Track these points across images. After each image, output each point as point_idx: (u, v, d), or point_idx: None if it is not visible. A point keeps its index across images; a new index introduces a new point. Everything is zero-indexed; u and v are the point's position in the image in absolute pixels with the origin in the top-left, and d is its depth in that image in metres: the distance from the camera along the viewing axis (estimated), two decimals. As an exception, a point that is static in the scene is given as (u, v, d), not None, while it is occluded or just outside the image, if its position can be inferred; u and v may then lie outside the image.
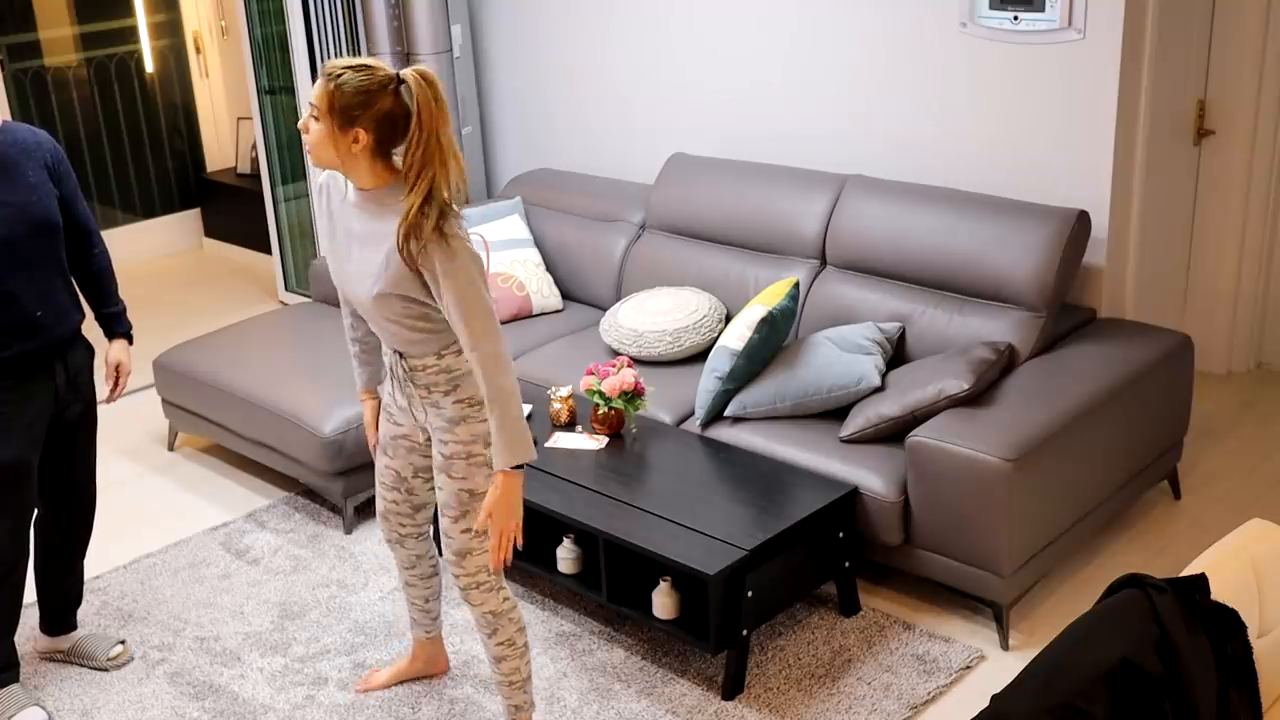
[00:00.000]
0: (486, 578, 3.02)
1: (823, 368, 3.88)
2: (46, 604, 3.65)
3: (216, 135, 7.49)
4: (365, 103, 2.68)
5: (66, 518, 3.55)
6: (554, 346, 4.56)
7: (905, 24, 4.37)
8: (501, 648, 3.09)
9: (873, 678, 3.46)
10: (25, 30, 6.72)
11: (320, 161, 2.77)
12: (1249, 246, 4.86)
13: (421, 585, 3.38)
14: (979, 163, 4.32)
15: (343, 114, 2.69)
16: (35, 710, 3.44)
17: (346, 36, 5.54)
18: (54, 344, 3.32)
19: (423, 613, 3.43)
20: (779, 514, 3.48)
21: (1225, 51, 4.63)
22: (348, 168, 2.77)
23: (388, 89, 2.70)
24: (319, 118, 2.72)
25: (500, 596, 3.05)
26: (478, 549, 2.98)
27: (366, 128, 2.70)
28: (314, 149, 2.75)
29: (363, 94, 2.68)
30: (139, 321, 6.24)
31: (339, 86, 2.68)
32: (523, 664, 3.12)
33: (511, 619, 3.08)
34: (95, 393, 3.53)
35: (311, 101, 2.73)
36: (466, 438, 2.91)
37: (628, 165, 5.30)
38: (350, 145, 2.72)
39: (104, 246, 3.52)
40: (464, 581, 3.02)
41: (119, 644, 3.68)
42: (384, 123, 2.71)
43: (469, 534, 2.97)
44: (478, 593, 3.03)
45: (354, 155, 2.73)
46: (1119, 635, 2.26)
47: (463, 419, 2.90)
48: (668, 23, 5.02)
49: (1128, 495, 3.98)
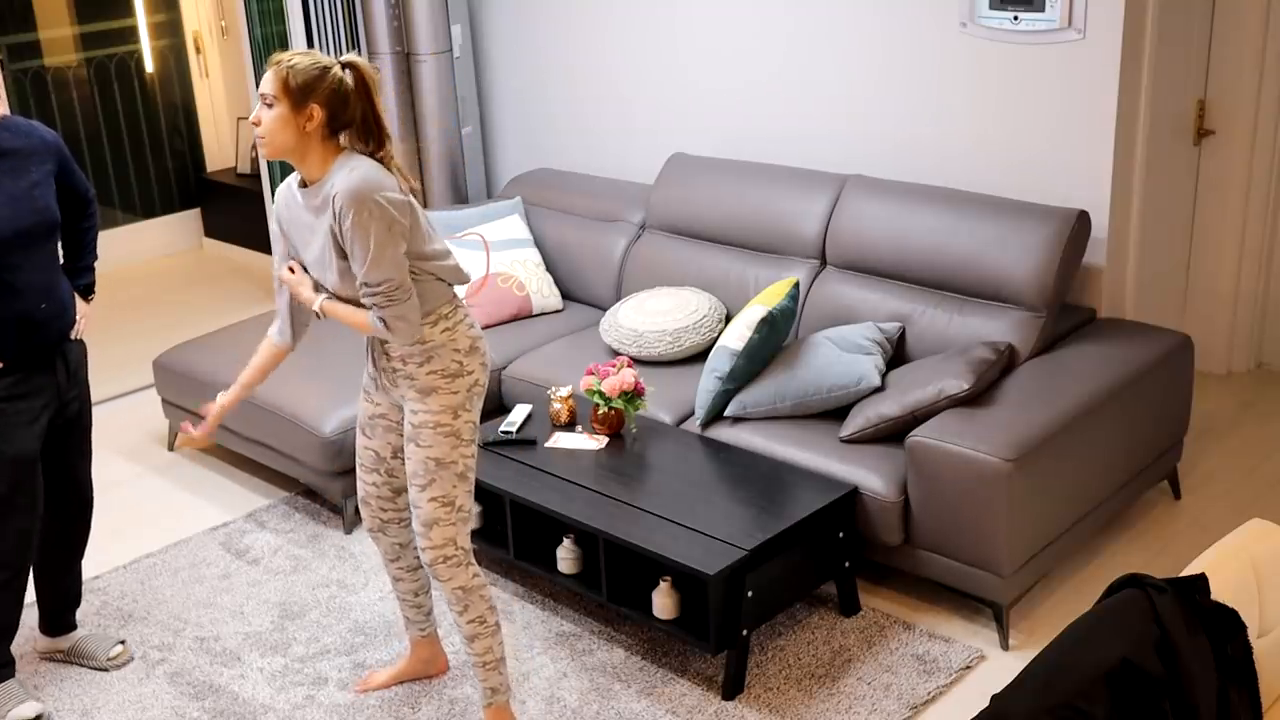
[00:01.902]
0: (454, 551, 3.07)
1: (823, 368, 3.88)
2: (46, 604, 3.65)
3: (216, 135, 7.49)
4: (317, 79, 2.85)
5: (64, 517, 3.55)
6: (554, 346, 4.56)
7: (905, 24, 4.37)
8: (473, 625, 3.13)
9: (873, 678, 3.46)
10: (25, 30, 6.72)
11: (274, 149, 2.89)
12: (1249, 246, 4.86)
13: (409, 578, 3.39)
14: (979, 163, 4.32)
15: (298, 92, 2.84)
16: (31, 704, 3.45)
17: (346, 36, 5.54)
18: (55, 339, 3.34)
19: (414, 609, 3.44)
20: (779, 514, 3.48)
21: (1225, 51, 4.63)
22: (301, 152, 2.90)
23: (332, 70, 2.88)
24: (272, 104, 2.85)
25: (469, 572, 3.10)
26: (444, 519, 3.04)
27: (320, 103, 2.85)
28: (268, 136, 2.88)
29: (314, 73, 2.85)
30: (139, 321, 6.24)
31: (290, 69, 2.85)
32: (495, 643, 3.16)
33: (482, 596, 3.12)
34: (90, 391, 3.55)
35: (263, 91, 2.87)
36: (436, 408, 3.00)
37: (628, 165, 5.30)
38: (305, 124, 2.85)
39: (97, 215, 3.59)
40: (430, 555, 3.07)
41: (119, 644, 3.68)
42: (335, 99, 2.87)
43: (435, 503, 3.03)
44: (445, 567, 3.07)
45: (307, 136, 2.87)
46: (1119, 635, 2.26)
47: (434, 389, 3.00)
48: (668, 23, 5.01)
49: (1128, 495, 3.98)
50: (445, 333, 3.00)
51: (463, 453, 3.05)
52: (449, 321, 3.01)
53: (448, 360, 3.00)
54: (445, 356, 2.99)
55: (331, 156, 2.91)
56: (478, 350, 3.06)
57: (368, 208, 2.81)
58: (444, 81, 5.47)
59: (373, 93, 2.93)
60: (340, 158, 2.90)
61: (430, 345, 2.98)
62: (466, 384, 3.03)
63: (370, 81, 2.92)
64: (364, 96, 2.91)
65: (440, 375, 2.99)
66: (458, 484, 3.05)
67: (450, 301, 3.03)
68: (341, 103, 2.88)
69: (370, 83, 2.92)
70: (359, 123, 2.92)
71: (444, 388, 3.00)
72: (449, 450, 3.02)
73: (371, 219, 2.81)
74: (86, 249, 3.58)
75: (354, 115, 2.91)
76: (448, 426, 3.01)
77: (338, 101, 2.87)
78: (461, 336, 3.02)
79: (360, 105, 2.91)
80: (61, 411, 3.42)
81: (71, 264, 3.55)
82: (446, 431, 3.01)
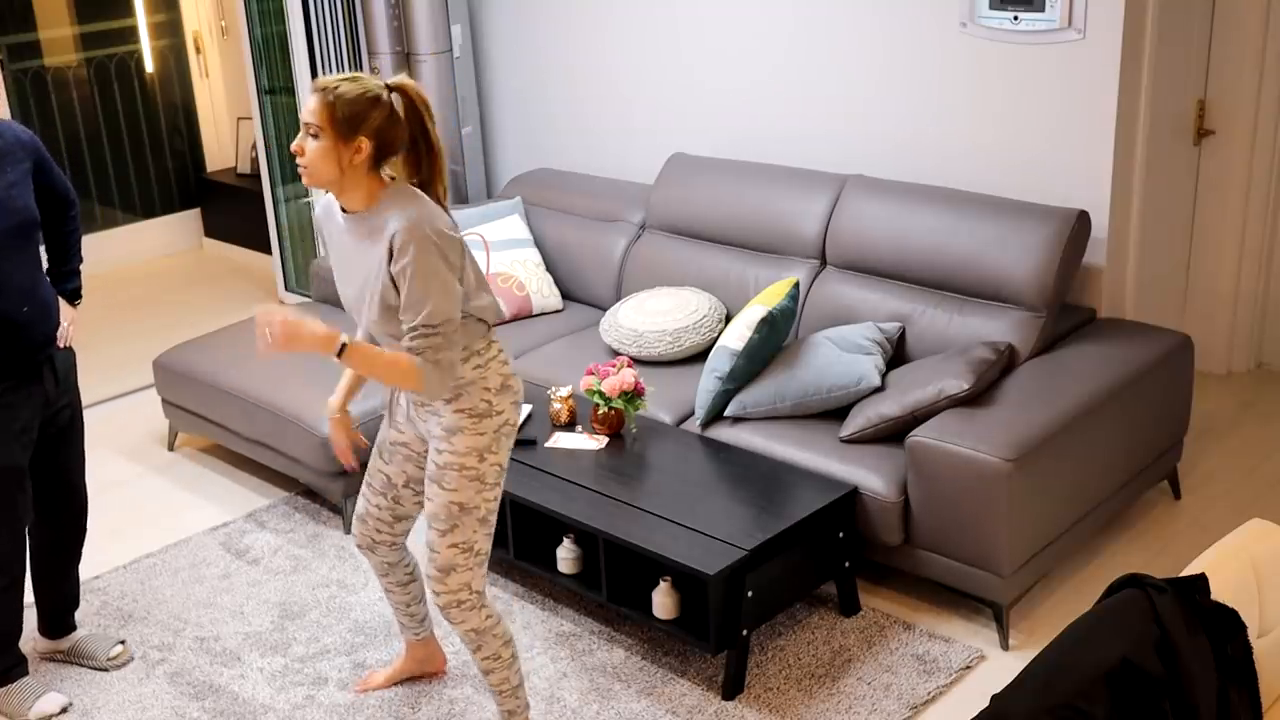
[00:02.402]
0: (468, 596, 2.98)
1: (823, 368, 3.88)
2: (44, 607, 3.65)
3: (216, 135, 7.49)
4: (366, 110, 2.70)
5: (59, 522, 3.54)
6: (554, 346, 4.56)
7: (905, 24, 4.37)
8: (487, 662, 3.07)
9: (873, 678, 3.46)
10: (25, 30, 6.72)
11: (318, 180, 2.74)
12: (1249, 246, 4.86)
13: (400, 591, 3.36)
14: (979, 163, 4.32)
15: (346, 124, 2.68)
16: (54, 696, 3.47)
17: (346, 36, 5.54)
18: (41, 343, 3.30)
19: (408, 616, 3.43)
20: (779, 514, 3.48)
21: (1225, 51, 4.63)
22: (346, 184, 2.75)
23: (382, 98, 2.73)
24: (318, 134, 2.70)
25: (482, 615, 3.02)
26: (461, 565, 2.95)
27: (369, 135, 2.71)
28: (311, 167, 2.72)
29: (362, 102, 2.70)
30: (139, 321, 6.24)
31: (338, 97, 2.69)
32: (511, 674, 3.11)
33: (495, 635, 3.05)
34: (80, 395, 3.52)
35: (307, 120, 2.72)
36: (462, 449, 2.88)
37: (628, 165, 5.30)
38: (352, 157, 2.71)
39: (79, 218, 3.53)
40: (444, 599, 2.98)
41: (119, 644, 3.68)
42: (384, 130, 2.72)
43: (455, 549, 2.94)
44: (458, 611, 2.99)
45: (354, 168, 2.73)
46: (1119, 635, 2.26)
47: (460, 429, 2.88)
48: (668, 23, 5.02)
49: (1128, 495, 3.98)
50: (476, 369, 2.87)
51: (485, 497, 2.93)
52: (481, 358, 2.88)
53: (476, 399, 2.87)
54: (474, 395, 2.87)
55: (378, 188, 2.77)
56: (509, 389, 2.93)
57: (429, 246, 2.66)
58: (444, 81, 5.48)
59: (426, 118, 2.77)
60: (390, 191, 2.76)
61: (460, 383, 2.85)
62: (494, 425, 2.90)
63: (422, 105, 2.76)
64: (414, 121, 2.76)
65: (468, 415, 2.87)
66: (478, 529, 2.95)
67: (484, 337, 2.90)
68: (390, 135, 2.74)
69: (422, 106, 2.76)
70: (409, 149, 2.78)
71: (470, 428, 2.87)
72: (473, 495, 2.90)
73: (434, 258, 2.67)
74: (71, 252, 3.52)
75: (402, 142, 2.76)
76: (473, 470, 2.89)
77: (388, 132, 2.73)
78: (493, 374, 2.90)
79: (410, 131, 2.76)
80: (53, 420, 3.40)
81: (56, 268, 3.50)
82: (471, 475, 2.89)
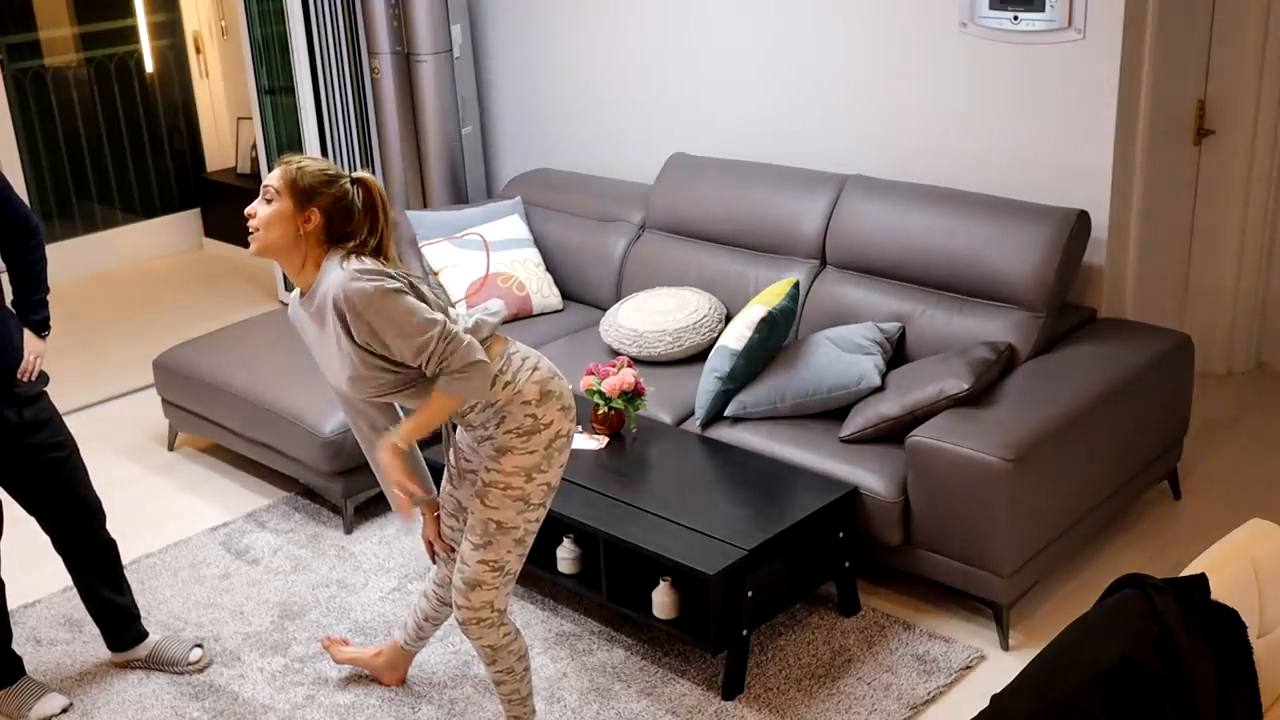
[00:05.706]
0: (489, 614, 2.99)
1: (823, 368, 3.88)
2: (103, 622, 3.62)
3: (216, 135, 7.49)
4: (324, 185, 2.81)
5: (77, 543, 3.50)
6: (554, 346, 4.56)
7: (905, 24, 4.37)
8: (500, 674, 3.09)
9: (873, 678, 3.46)
10: (25, 30, 6.72)
11: (264, 245, 2.80)
12: (1249, 246, 4.86)
13: (436, 604, 3.37)
14: (979, 162, 4.32)
15: (303, 193, 2.79)
16: (55, 696, 3.47)
17: (346, 36, 5.55)
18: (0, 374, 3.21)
19: (418, 626, 3.44)
20: (779, 514, 3.48)
21: (1225, 51, 4.63)
22: (290, 253, 2.81)
23: (342, 181, 2.84)
24: (273, 198, 2.80)
25: (500, 633, 3.02)
26: (489, 583, 2.96)
27: (321, 208, 2.80)
28: (263, 229, 2.79)
29: (323, 179, 2.81)
30: (139, 321, 6.24)
31: (301, 170, 2.81)
32: (522, 685, 3.13)
33: (511, 651, 3.06)
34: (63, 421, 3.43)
35: (267, 184, 2.81)
36: (509, 469, 2.89)
37: (628, 165, 5.30)
38: (302, 225, 2.79)
39: (43, 244, 3.44)
40: (465, 614, 2.99)
41: (196, 646, 3.66)
42: (337, 209, 2.81)
43: (485, 565, 2.94)
44: (477, 628, 3.00)
45: (300, 238, 2.80)
46: (1119, 635, 2.26)
47: (509, 449, 2.88)
48: (668, 23, 5.02)
49: (1128, 495, 3.98)
50: (507, 388, 2.86)
51: (527, 518, 2.93)
52: (506, 375, 2.86)
53: (520, 417, 2.86)
54: (517, 413, 2.86)
55: (321, 256, 2.83)
56: (551, 395, 2.89)
57: (366, 295, 2.70)
58: (444, 81, 5.48)
59: (380, 212, 2.85)
60: (326, 259, 2.81)
61: (498, 405, 2.86)
62: (544, 440, 2.88)
63: (380, 199, 2.85)
64: (371, 215, 2.85)
65: (515, 435, 2.86)
66: (513, 549, 2.94)
67: (500, 355, 2.89)
68: (343, 215, 2.82)
69: (380, 201, 2.85)
70: (363, 240, 2.83)
71: (519, 447, 2.87)
72: (514, 515, 2.90)
73: (378, 300, 2.70)
74: (36, 282, 3.42)
75: (356, 231, 2.82)
76: (518, 490, 2.89)
77: (339, 212, 2.81)
78: (527, 386, 2.87)
79: (366, 223, 2.84)
80: (39, 457, 3.31)
81: (21, 299, 3.40)
82: (516, 495, 2.89)
